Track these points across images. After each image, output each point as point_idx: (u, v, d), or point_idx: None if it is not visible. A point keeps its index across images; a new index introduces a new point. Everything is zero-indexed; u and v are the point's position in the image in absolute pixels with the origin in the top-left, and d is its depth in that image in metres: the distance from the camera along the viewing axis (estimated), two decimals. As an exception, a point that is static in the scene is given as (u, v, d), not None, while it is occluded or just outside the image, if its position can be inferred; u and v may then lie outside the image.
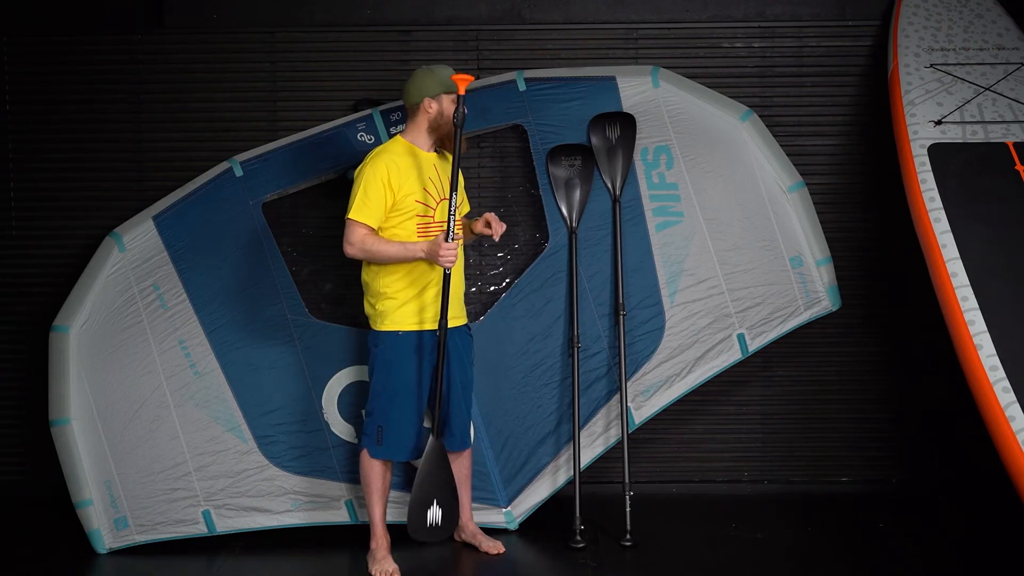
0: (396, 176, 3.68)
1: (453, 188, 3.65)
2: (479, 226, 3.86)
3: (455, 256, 3.62)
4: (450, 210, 3.63)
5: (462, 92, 3.65)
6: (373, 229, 3.68)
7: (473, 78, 3.73)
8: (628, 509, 3.99)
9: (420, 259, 3.66)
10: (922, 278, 3.87)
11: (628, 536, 3.96)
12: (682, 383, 4.21)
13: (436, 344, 3.76)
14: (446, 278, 3.66)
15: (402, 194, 3.69)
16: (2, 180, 4.54)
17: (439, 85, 3.74)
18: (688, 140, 4.23)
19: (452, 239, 3.61)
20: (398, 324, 3.74)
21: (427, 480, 3.73)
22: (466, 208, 4.01)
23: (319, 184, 4.31)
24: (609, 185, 4.20)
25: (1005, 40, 4.25)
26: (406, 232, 3.72)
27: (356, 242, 3.68)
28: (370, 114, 4.29)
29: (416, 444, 3.82)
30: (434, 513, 3.74)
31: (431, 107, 3.75)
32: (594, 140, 4.21)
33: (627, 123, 4.20)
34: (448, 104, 3.74)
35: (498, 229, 3.79)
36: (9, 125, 4.53)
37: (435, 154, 3.84)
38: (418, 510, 3.73)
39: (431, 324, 3.75)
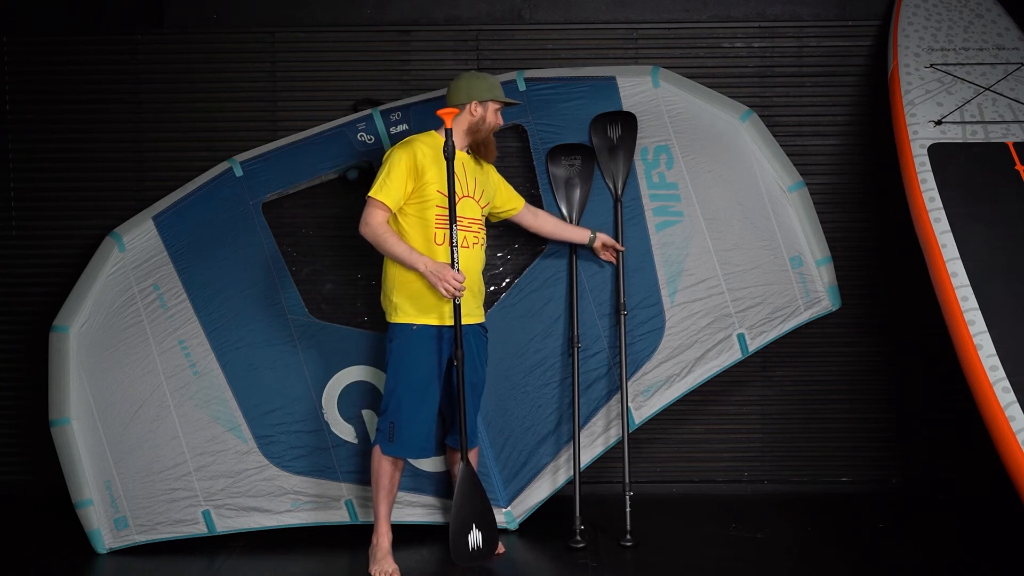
0: (421, 164, 3.70)
1: (452, 220, 3.65)
2: (600, 252, 4.14)
3: (458, 289, 3.63)
4: (452, 241, 3.65)
5: (449, 125, 3.67)
6: (391, 211, 3.70)
7: (457, 111, 3.73)
8: (628, 509, 3.99)
9: (418, 272, 3.66)
10: (922, 278, 3.87)
11: (628, 536, 3.96)
12: (682, 383, 4.21)
13: (450, 341, 3.75)
14: (456, 308, 3.67)
15: (423, 181, 3.70)
16: (2, 180, 4.54)
17: (488, 91, 3.77)
18: (688, 140, 4.23)
19: (458, 269, 3.64)
20: (413, 317, 3.73)
21: (464, 507, 3.74)
22: (517, 204, 4.04)
23: (319, 184, 4.31)
24: (610, 184, 4.20)
25: (1005, 40, 4.25)
26: (424, 221, 3.72)
27: (373, 225, 3.69)
28: (370, 114, 4.29)
29: (429, 442, 3.81)
30: (475, 537, 3.74)
31: (476, 110, 3.77)
32: (595, 139, 4.20)
33: (628, 122, 4.20)
34: (492, 113, 3.79)
35: (611, 258, 4.17)
36: (9, 125, 4.53)
37: (466, 154, 3.84)
38: (459, 537, 3.73)
39: (449, 320, 3.74)
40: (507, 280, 4.45)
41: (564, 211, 4.21)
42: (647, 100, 4.25)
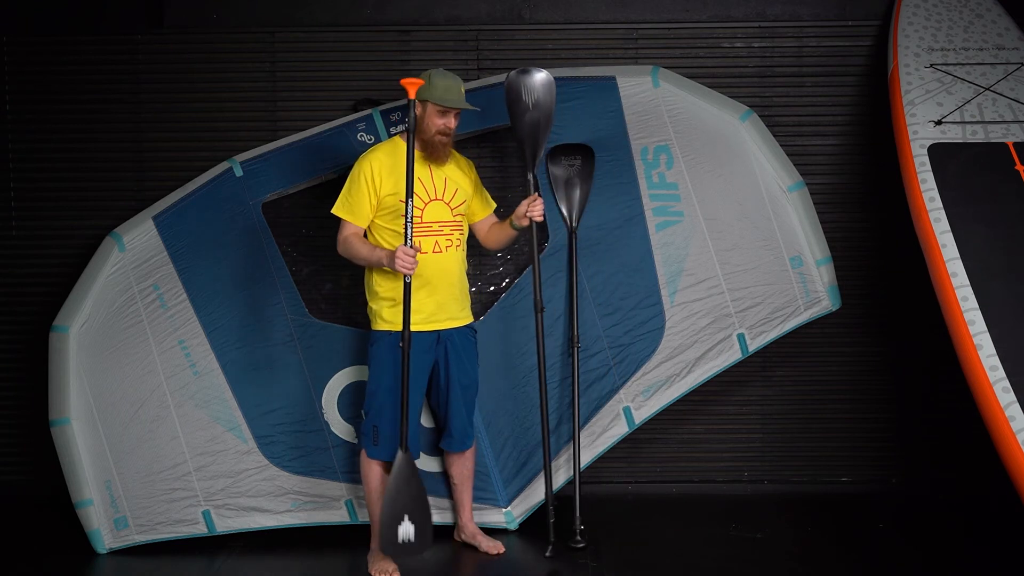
0: (379, 175, 3.70)
1: (409, 194, 3.60)
2: (520, 221, 3.84)
3: (412, 263, 3.56)
4: (407, 216, 3.59)
5: (412, 96, 3.62)
6: (357, 226, 3.72)
7: (423, 82, 3.65)
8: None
9: (384, 265, 3.66)
10: (922, 278, 3.87)
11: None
12: (682, 383, 4.21)
13: (431, 345, 3.79)
14: (406, 287, 3.61)
15: (384, 192, 3.71)
16: (2, 180, 4.54)
17: (427, 92, 3.70)
18: (688, 140, 4.23)
19: (411, 245, 3.58)
20: (391, 324, 3.75)
21: (396, 496, 3.61)
22: (482, 213, 3.99)
23: (319, 184, 4.31)
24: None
25: (1005, 40, 4.25)
26: (396, 232, 3.73)
27: (341, 241, 3.75)
28: (370, 114, 4.29)
29: (413, 445, 3.81)
30: (406, 529, 3.61)
31: (417, 110, 3.74)
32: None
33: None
34: (432, 113, 3.70)
35: (534, 211, 3.80)
36: (9, 125, 4.53)
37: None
38: (389, 526, 3.60)
39: (424, 325, 3.75)
40: (507, 280, 4.45)
41: (564, 211, 4.20)
42: (647, 100, 4.25)
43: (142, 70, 4.52)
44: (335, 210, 3.74)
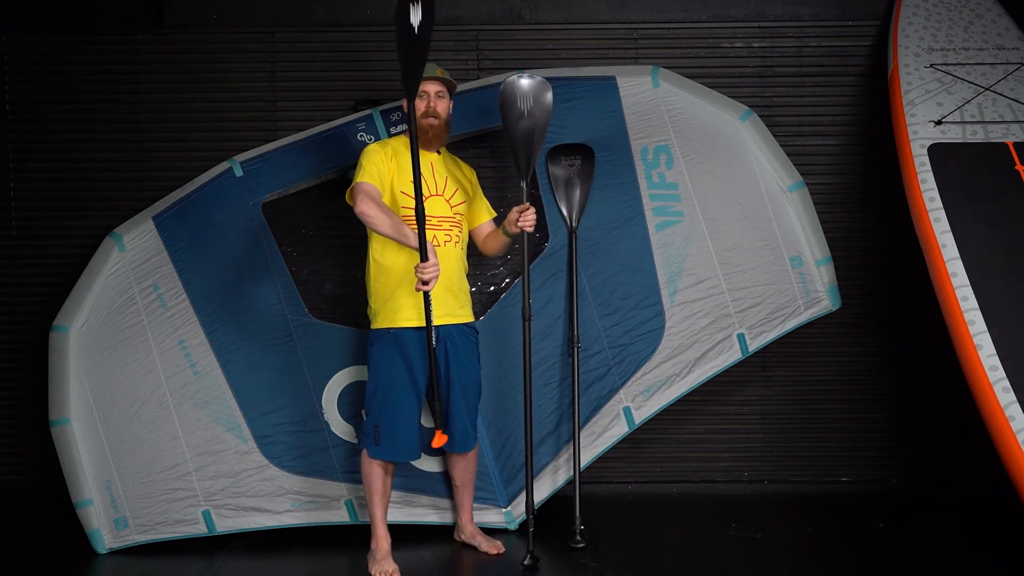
0: (391, 158, 3.73)
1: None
2: (512, 227, 3.84)
3: (433, 273, 3.53)
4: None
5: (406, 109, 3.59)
6: (374, 186, 3.67)
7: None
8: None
9: (407, 243, 3.60)
10: (922, 278, 3.87)
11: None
12: (682, 383, 4.21)
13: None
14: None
15: (394, 172, 3.72)
16: (2, 180, 4.54)
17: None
18: (688, 140, 4.23)
19: (425, 257, 3.54)
20: (390, 322, 3.76)
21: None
22: (481, 219, 4.01)
23: (319, 184, 4.31)
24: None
25: (1005, 40, 4.25)
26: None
27: (378, 201, 3.63)
28: (370, 114, 4.29)
29: (413, 444, 3.82)
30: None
31: (405, 108, 3.77)
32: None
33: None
34: (417, 102, 3.76)
35: (525, 221, 3.77)
36: (9, 125, 4.54)
37: (436, 154, 3.85)
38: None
39: (421, 321, 3.74)
40: (507, 280, 4.45)
41: (564, 211, 4.21)
42: (647, 100, 4.25)
43: (142, 70, 4.52)
44: (358, 180, 3.66)
